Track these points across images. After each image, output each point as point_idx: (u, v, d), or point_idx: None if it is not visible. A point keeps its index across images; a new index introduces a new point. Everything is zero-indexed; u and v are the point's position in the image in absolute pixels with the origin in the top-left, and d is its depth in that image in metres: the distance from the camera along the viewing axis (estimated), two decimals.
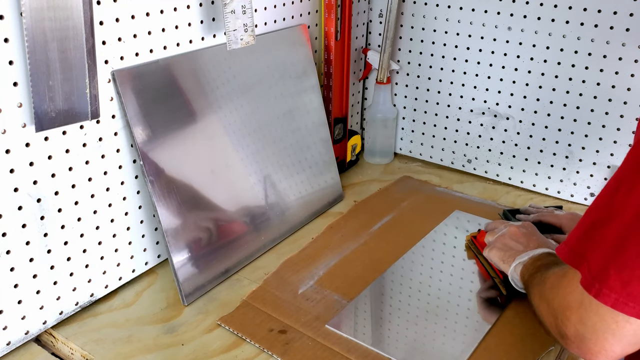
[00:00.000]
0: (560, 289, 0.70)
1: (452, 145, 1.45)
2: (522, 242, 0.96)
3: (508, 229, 1.00)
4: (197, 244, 1.01)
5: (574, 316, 0.67)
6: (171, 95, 0.99)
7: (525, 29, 1.26)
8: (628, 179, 0.65)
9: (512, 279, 0.93)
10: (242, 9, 1.01)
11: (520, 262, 0.90)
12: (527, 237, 0.97)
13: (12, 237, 0.84)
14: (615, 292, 0.63)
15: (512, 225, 1.01)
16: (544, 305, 0.74)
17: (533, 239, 0.96)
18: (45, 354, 0.90)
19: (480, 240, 1.08)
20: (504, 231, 1.00)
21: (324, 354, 0.88)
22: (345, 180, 1.40)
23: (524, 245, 0.95)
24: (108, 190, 0.95)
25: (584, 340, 0.66)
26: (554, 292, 0.72)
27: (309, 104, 1.25)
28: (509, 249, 0.96)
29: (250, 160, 1.12)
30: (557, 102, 1.28)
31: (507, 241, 0.98)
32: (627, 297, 0.62)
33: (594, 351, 0.66)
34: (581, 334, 0.66)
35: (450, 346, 0.90)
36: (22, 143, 0.82)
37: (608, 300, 0.63)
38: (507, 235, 0.99)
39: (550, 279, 0.75)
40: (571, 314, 0.67)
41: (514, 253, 0.94)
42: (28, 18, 0.75)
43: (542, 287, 0.76)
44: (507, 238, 0.98)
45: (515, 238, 0.97)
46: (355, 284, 1.04)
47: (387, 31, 1.38)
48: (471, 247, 1.12)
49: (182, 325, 0.95)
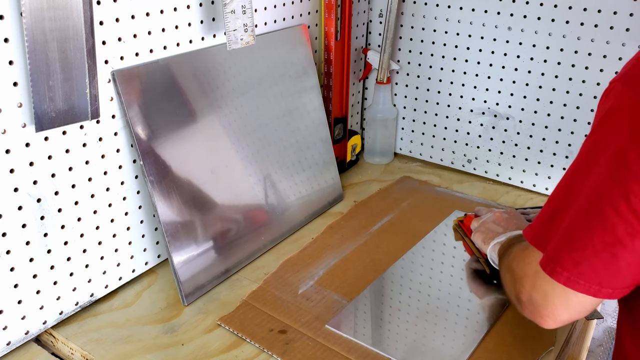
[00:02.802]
0: (521, 260, 0.77)
1: (452, 145, 1.45)
2: (502, 225, 1.02)
3: (492, 215, 1.07)
4: (197, 244, 1.01)
5: (529, 284, 0.73)
6: (171, 95, 0.99)
7: (525, 29, 1.26)
8: (582, 168, 0.70)
9: (491, 258, 0.98)
10: (242, 9, 1.01)
11: (497, 242, 0.96)
12: (508, 221, 1.03)
13: (12, 237, 0.84)
14: (567, 271, 0.69)
15: (496, 211, 1.08)
16: (509, 275, 0.80)
17: (513, 222, 1.02)
18: (45, 354, 0.90)
19: (467, 224, 1.14)
20: (488, 216, 1.07)
21: (324, 354, 0.88)
22: (345, 180, 1.40)
23: (504, 227, 1.01)
24: (108, 190, 0.95)
25: (536, 306, 0.73)
26: (515, 262, 0.79)
27: (309, 104, 1.25)
28: (490, 231, 1.02)
29: (250, 160, 1.12)
30: (557, 102, 1.28)
31: (489, 225, 1.04)
32: (578, 275, 0.68)
33: (543, 315, 0.72)
34: (534, 299, 0.73)
35: (450, 346, 0.91)
36: (22, 143, 0.82)
37: (561, 278, 0.69)
38: (490, 221, 1.05)
39: (515, 252, 0.82)
40: (527, 281, 0.74)
41: (494, 235, 1.00)
42: (28, 18, 0.75)
43: (508, 258, 0.83)
44: (490, 223, 1.04)
45: (497, 222, 1.04)
46: (355, 284, 1.04)
47: (387, 31, 1.38)
48: (458, 230, 1.18)
49: (182, 325, 0.95)
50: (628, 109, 0.66)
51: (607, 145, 0.67)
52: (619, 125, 0.66)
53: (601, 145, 0.68)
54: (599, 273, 0.67)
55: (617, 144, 0.66)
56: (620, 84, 0.68)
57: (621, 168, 0.65)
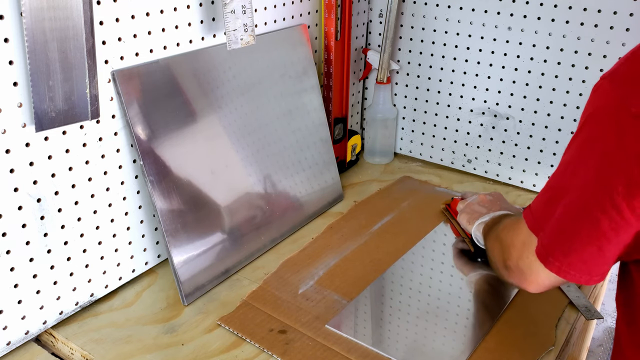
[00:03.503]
0: (511, 230, 0.83)
1: (452, 145, 1.45)
2: (486, 207, 1.08)
3: (477, 197, 1.13)
4: (197, 244, 1.01)
5: (516, 253, 0.79)
6: (171, 95, 0.99)
7: (525, 29, 1.26)
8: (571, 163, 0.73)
9: (475, 237, 1.04)
10: (242, 9, 1.01)
11: (482, 222, 1.02)
12: (492, 203, 1.10)
13: (12, 237, 0.84)
14: (559, 261, 0.73)
15: (481, 193, 1.14)
16: (497, 244, 0.87)
17: (497, 203, 1.09)
18: (45, 354, 0.90)
19: (454, 207, 1.20)
20: (473, 198, 1.13)
21: (324, 354, 0.88)
22: (345, 180, 1.40)
23: (488, 209, 1.07)
24: (108, 190, 0.95)
25: (522, 273, 0.79)
26: (505, 232, 0.86)
27: (309, 104, 1.25)
28: (475, 212, 1.08)
29: (250, 160, 1.12)
30: (557, 102, 1.28)
31: (474, 207, 1.10)
32: (569, 266, 0.72)
33: (528, 281, 0.78)
34: (520, 267, 0.79)
35: (450, 346, 0.91)
36: (22, 143, 0.82)
37: (553, 267, 0.74)
38: (475, 202, 1.11)
39: (504, 222, 0.90)
40: (514, 250, 0.80)
41: (478, 215, 1.06)
42: (28, 18, 0.75)
43: (497, 229, 0.90)
44: (475, 204, 1.11)
45: (482, 203, 1.10)
46: (355, 284, 1.04)
47: (387, 31, 1.38)
48: (445, 213, 1.23)
49: (182, 325, 0.95)
50: (614, 108, 0.67)
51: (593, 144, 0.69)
52: (605, 124, 0.68)
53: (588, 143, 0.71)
54: (587, 264, 0.72)
55: (603, 143, 0.68)
56: (608, 81, 0.69)
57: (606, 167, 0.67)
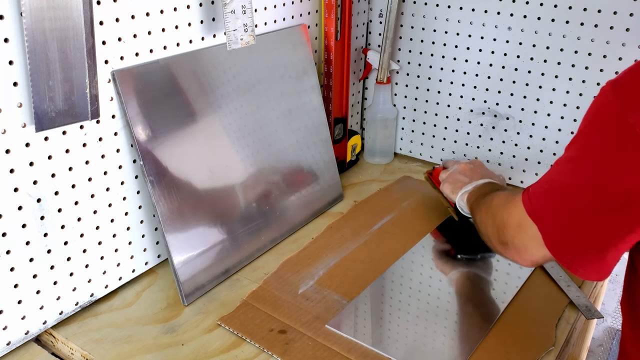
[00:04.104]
0: (505, 209, 0.84)
1: (452, 145, 1.45)
2: (468, 175, 1.12)
3: (458, 166, 1.16)
4: (197, 244, 1.01)
5: (511, 231, 0.82)
6: (171, 95, 0.99)
7: (525, 29, 1.26)
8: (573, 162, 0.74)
9: (459, 206, 1.08)
10: (242, 9, 1.01)
11: (465, 192, 1.06)
12: (473, 171, 1.13)
13: (12, 237, 0.84)
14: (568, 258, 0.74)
15: (462, 163, 1.17)
16: (489, 219, 0.89)
17: (478, 172, 1.13)
18: (45, 354, 0.90)
19: (435, 176, 1.23)
20: (455, 168, 1.16)
21: (324, 354, 0.88)
22: (345, 180, 1.40)
23: (470, 177, 1.11)
24: (108, 190, 0.95)
25: (517, 250, 0.82)
26: (499, 209, 0.87)
27: (309, 104, 1.25)
28: (457, 181, 1.12)
29: (250, 160, 1.12)
30: (557, 102, 1.28)
31: (456, 176, 1.13)
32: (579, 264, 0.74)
33: (523, 257, 0.82)
34: (515, 244, 0.82)
35: (450, 346, 0.91)
36: (22, 143, 0.82)
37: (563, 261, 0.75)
38: (457, 172, 1.14)
39: (497, 198, 0.90)
40: (509, 229, 0.82)
41: (461, 185, 1.09)
42: (28, 18, 0.75)
43: (489, 204, 0.91)
44: (457, 174, 1.14)
45: (464, 173, 1.13)
46: (355, 284, 1.04)
47: (387, 31, 1.38)
48: (428, 182, 1.27)
49: (182, 325, 0.95)
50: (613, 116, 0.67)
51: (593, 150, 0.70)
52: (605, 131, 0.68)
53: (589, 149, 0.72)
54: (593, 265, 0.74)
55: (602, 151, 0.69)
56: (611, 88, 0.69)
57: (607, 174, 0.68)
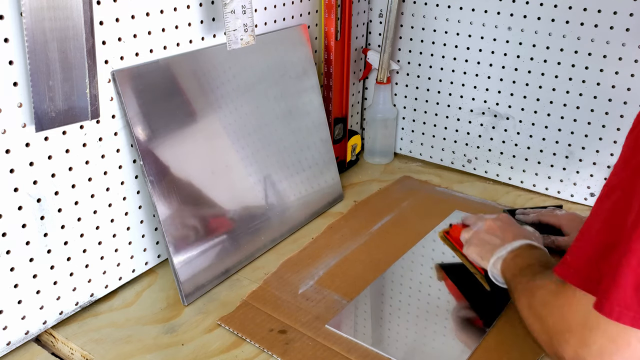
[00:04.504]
0: (556, 308, 0.67)
1: (452, 145, 1.45)
2: (499, 236, 0.94)
3: (484, 224, 0.98)
4: (197, 244, 1.01)
5: (575, 339, 0.64)
6: (171, 95, 0.99)
7: (525, 29, 1.26)
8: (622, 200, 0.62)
9: (492, 274, 0.92)
10: (242, 9, 1.01)
11: (499, 257, 0.89)
12: (503, 230, 0.95)
13: (12, 237, 0.84)
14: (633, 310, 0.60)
15: (487, 219, 0.99)
16: (536, 322, 0.72)
17: (509, 230, 0.94)
18: (45, 354, 0.90)
19: (455, 235, 1.05)
20: (480, 226, 0.99)
21: (324, 354, 0.88)
22: (345, 180, 1.40)
23: (501, 238, 0.93)
24: (108, 190, 0.95)
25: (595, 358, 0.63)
26: (547, 309, 0.69)
27: (309, 104, 1.25)
28: (486, 243, 0.94)
29: (250, 160, 1.12)
30: (557, 102, 1.27)
31: (483, 236, 0.96)
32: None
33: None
34: (582, 356, 0.63)
35: (450, 346, 0.90)
36: (22, 143, 0.82)
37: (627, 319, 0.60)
38: (483, 231, 0.97)
39: (540, 293, 0.72)
40: (571, 336, 0.64)
41: (491, 248, 0.92)
42: (28, 18, 0.75)
43: (532, 299, 0.74)
44: (484, 233, 0.97)
45: (492, 232, 0.96)
46: (355, 284, 1.04)
47: (387, 31, 1.38)
48: (446, 244, 1.09)
49: (182, 325, 0.95)
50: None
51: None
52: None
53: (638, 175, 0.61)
54: None
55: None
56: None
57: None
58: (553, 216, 1.12)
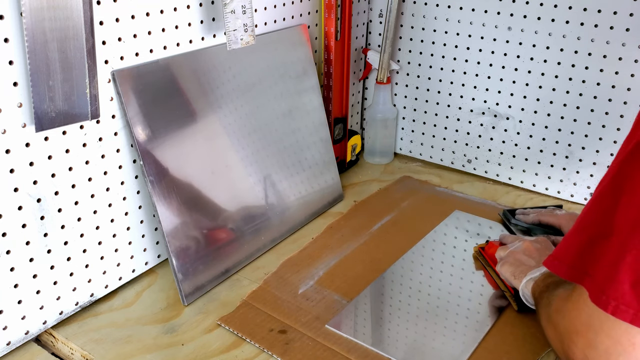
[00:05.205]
0: (566, 312, 0.68)
1: (452, 145, 1.45)
2: (535, 258, 0.94)
3: (522, 244, 0.98)
4: (197, 244, 1.01)
5: (582, 340, 0.64)
6: (171, 95, 0.99)
7: (525, 29, 1.26)
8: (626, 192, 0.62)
9: (523, 295, 0.90)
10: (242, 9, 1.01)
11: (531, 278, 0.88)
12: (540, 252, 0.95)
13: (12, 237, 0.84)
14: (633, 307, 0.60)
15: (526, 240, 0.99)
16: (552, 329, 0.72)
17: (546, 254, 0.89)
18: (45, 354, 0.90)
19: (490, 252, 1.05)
20: (517, 246, 0.98)
21: (324, 354, 0.88)
22: (345, 180, 1.40)
23: (537, 260, 0.93)
24: (108, 190, 0.95)
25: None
26: (559, 315, 0.70)
27: (309, 104, 1.25)
28: (521, 264, 0.94)
29: (250, 160, 1.12)
30: (557, 102, 1.28)
31: (519, 256, 0.96)
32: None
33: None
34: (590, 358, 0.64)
35: (450, 346, 0.91)
36: (22, 143, 0.82)
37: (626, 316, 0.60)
38: (519, 251, 0.97)
39: (555, 302, 0.73)
40: (578, 338, 0.65)
41: (526, 269, 0.92)
42: (28, 18, 0.75)
43: (549, 309, 0.74)
44: (520, 253, 0.96)
45: (528, 253, 0.95)
46: (355, 284, 1.04)
47: (387, 31, 1.38)
48: (479, 259, 1.08)
49: (182, 325, 0.95)
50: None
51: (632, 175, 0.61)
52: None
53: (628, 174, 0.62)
54: None
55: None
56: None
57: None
58: (553, 216, 1.12)
